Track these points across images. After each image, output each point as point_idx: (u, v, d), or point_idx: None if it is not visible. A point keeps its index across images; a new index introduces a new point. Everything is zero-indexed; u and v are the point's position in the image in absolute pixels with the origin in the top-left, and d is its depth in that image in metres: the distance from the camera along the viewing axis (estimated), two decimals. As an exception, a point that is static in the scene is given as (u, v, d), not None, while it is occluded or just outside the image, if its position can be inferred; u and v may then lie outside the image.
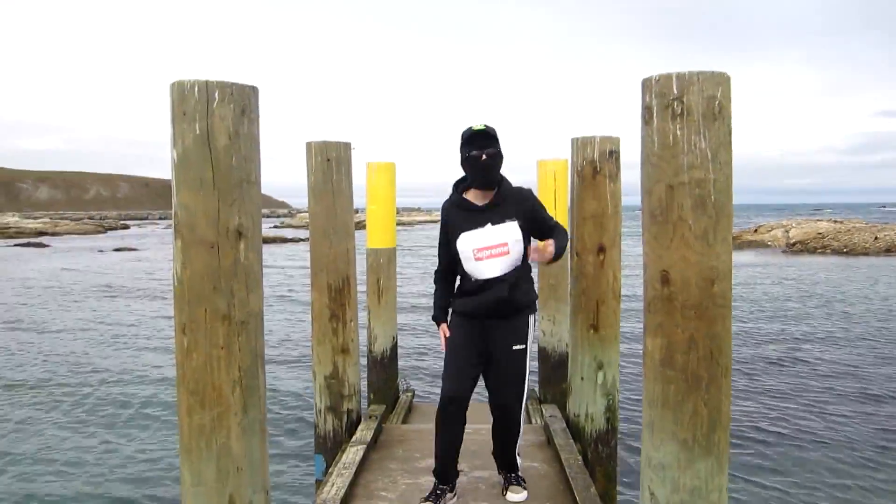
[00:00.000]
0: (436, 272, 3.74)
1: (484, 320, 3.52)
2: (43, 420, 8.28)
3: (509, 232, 3.44)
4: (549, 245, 3.51)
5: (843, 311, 15.32)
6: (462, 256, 3.49)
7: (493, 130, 3.46)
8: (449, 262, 3.64)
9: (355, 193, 4.67)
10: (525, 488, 3.76)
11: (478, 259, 3.44)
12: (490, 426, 3.77)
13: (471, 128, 3.46)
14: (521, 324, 3.57)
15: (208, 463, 2.39)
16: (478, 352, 3.55)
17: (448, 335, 3.62)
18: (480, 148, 3.42)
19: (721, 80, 2.16)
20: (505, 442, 3.74)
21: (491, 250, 3.43)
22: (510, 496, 3.70)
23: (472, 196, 3.57)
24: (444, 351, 3.61)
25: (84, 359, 11.53)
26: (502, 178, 3.55)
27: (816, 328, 13.33)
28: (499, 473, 3.88)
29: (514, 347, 3.55)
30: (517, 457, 3.79)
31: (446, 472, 3.62)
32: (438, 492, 3.58)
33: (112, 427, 7.98)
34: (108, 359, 11.52)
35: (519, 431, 3.73)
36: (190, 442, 2.41)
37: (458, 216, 3.54)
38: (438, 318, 3.70)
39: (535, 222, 3.58)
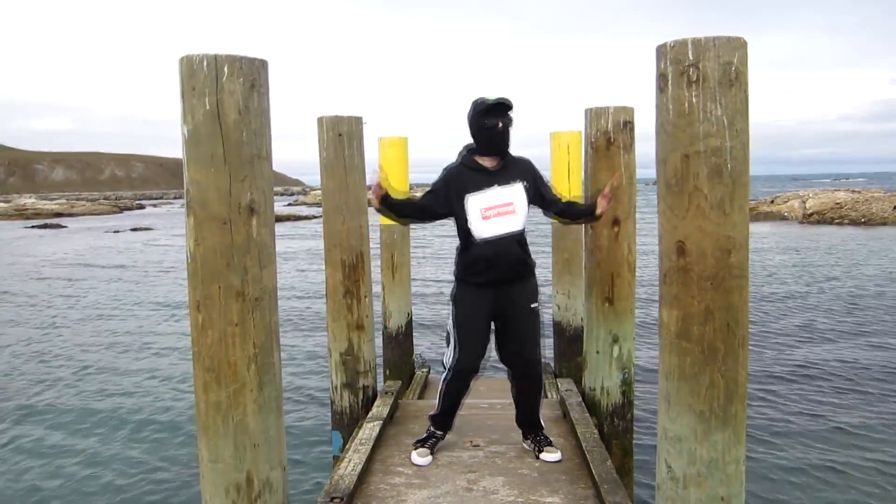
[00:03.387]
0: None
1: (497, 286, 3.66)
2: (55, 396, 8.38)
3: (516, 192, 3.63)
4: (606, 189, 3.70)
5: (857, 283, 15.18)
6: (469, 216, 3.62)
7: (510, 100, 3.58)
8: (428, 203, 3.73)
9: (368, 169, 4.64)
10: (558, 448, 3.86)
11: (485, 218, 3.60)
12: (503, 402, 3.85)
13: (485, 99, 3.58)
14: (531, 284, 3.78)
15: (225, 440, 2.41)
16: (489, 320, 3.74)
17: (457, 302, 3.74)
18: (499, 116, 3.56)
19: (738, 46, 2.11)
20: (532, 402, 3.90)
21: (498, 209, 3.60)
22: (545, 456, 3.80)
23: (480, 161, 3.71)
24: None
25: (102, 337, 11.65)
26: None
27: (832, 299, 13.23)
28: (525, 440, 3.97)
29: (531, 306, 3.75)
30: (541, 416, 3.97)
31: (446, 422, 3.96)
32: (434, 438, 3.92)
33: (127, 404, 8.06)
34: (128, 336, 11.64)
35: (542, 389, 3.93)
36: (206, 419, 2.42)
37: (466, 177, 3.66)
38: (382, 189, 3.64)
39: (538, 187, 3.75)
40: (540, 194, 3.76)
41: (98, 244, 30.58)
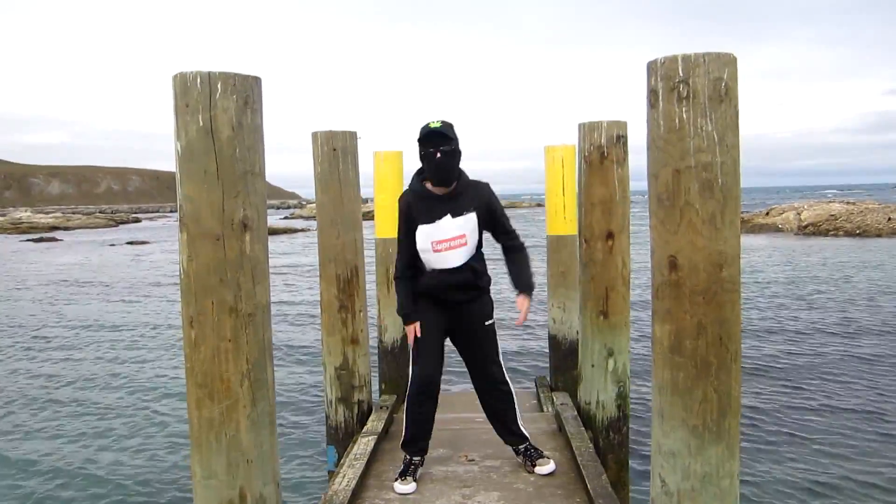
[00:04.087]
0: (397, 270, 3.76)
1: (450, 306, 3.67)
2: (47, 414, 8.33)
3: (468, 223, 3.56)
4: (524, 302, 3.64)
5: (849, 298, 15.18)
6: (420, 247, 3.58)
7: (449, 128, 3.51)
8: (411, 256, 3.66)
9: (363, 183, 4.66)
10: (549, 458, 3.83)
11: (436, 251, 3.56)
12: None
13: (427, 125, 3.50)
14: (484, 302, 3.75)
15: (218, 456, 2.40)
16: (443, 335, 3.74)
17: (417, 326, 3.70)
18: (435, 146, 3.47)
19: (727, 62, 2.13)
20: (503, 414, 3.86)
21: (450, 242, 3.55)
22: (539, 469, 3.78)
23: (431, 187, 3.62)
24: (411, 346, 3.72)
25: (92, 352, 11.61)
26: (461, 172, 3.61)
27: (825, 313, 13.24)
28: (516, 455, 3.92)
29: (486, 323, 3.75)
30: (522, 428, 3.90)
31: (420, 446, 3.80)
32: (413, 465, 3.76)
33: (121, 421, 8.02)
34: (123, 352, 11.60)
35: (514, 400, 3.87)
36: (200, 435, 2.42)
37: (418, 206, 3.59)
38: (410, 317, 3.69)
39: (492, 217, 3.67)
40: (492, 225, 3.69)
41: (91, 259, 30.47)
